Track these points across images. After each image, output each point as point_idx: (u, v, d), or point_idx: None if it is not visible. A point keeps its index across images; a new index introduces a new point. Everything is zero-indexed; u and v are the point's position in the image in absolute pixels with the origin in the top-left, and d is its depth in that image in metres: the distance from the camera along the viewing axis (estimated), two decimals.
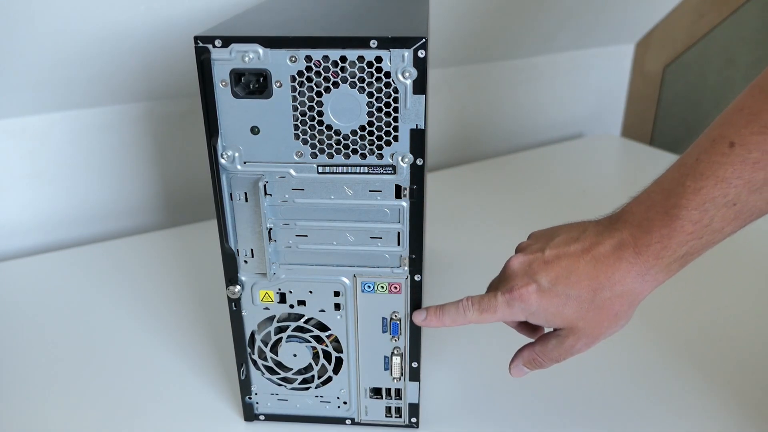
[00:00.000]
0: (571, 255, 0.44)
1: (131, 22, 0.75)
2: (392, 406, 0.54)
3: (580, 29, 1.17)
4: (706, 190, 0.39)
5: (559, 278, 0.44)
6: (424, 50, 0.41)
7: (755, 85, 0.39)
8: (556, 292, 0.44)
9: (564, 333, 0.45)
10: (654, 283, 0.43)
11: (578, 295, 0.43)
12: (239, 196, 0.46)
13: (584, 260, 0.43)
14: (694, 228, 0.40)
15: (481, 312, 0.46)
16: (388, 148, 0.44)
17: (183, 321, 0.71)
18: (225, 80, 0.42)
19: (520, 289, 0.45)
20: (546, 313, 0.45)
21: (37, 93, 0.81)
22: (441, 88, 1.13)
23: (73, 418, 0.57)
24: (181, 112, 0.93)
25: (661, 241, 0.41)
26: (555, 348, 0.47)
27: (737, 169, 0.38)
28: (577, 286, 0.43)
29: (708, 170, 0.39)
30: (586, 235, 0.45)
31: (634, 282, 0.42)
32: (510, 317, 0.46)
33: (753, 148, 0.37)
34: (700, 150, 0.40)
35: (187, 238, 0.90)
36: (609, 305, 0.43)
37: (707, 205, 0.39)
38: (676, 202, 0.40)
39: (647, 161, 1.16)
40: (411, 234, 0.47)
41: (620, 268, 0.42)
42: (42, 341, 0.68)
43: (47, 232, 0.91)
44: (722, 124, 0.39)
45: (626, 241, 0.42)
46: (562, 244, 0.45)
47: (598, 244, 0.44)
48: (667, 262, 0.41)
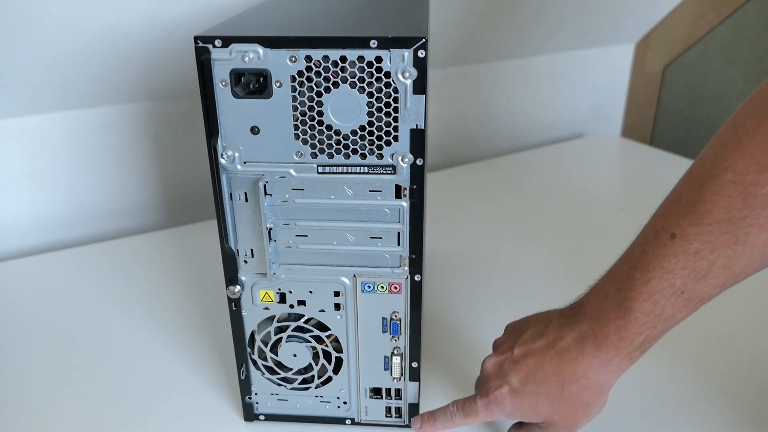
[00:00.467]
0: (537, 352, 0.46)
1: (131, 22, 0.75)
2: (392, 406, 0.54)
3: (580, 29, 1.17)
4: (654, 282, 0.40)
5: (528, 377, 0.46)
6: (424, 50, 0.41)
7: (691, 173, 0.40)
8: (527, 391, 0.46)
9: (544, 425, 0.48)
10: (618, 372, 0.44)
11: (548, 392, 0.45)
12: (239, 196, 0.46)
13: (549, 356, 0.45)
14: (647, 318, 0.41)
15: (466, 416, 0.49)
16: (388, 148, 0.44)
17: (183, 321, 0.71)
18: (225, 80, 0.42)
19: (495, 392, 0.47)
20: (522, 412, 0.47)
21: (37, 93, 0.81)
22: (441, 88, 1.13)
23: (72, 418, 0.57)
24: (181, 112, 0.93)
25: (618, 333, 0.42)
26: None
27: (680, 260, 0.39)
28: (545, 383, 0.45)
29: (654, 262, 0.40)
30: (549, 330, 0.46)
31: (598, 374, 0.44)
32: (491, 419, 0.49)
33: (693, 239, 0.39)
34: (645, 241, 0.42)
35: (187, 238, 0.90)
36: (578, 398, 0.45)
37: (657, 296, 0.40)
38: (627, 294, 0.41)
39: (647, 161, 1.16)
40: (411, 234, 0.47)
41: (583, 361, 0.44)
42: (42, 341, 0.68)
43: (47, 232, 0.91)
44: (664, 214, 0.41)
45: (586, 334, 0.44)
46: (528, 341, 0.47)
47: (560, 339, 0.45)
48: (627, 351, 0.43)
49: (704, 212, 0.38)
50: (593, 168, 1.15)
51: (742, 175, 0.37)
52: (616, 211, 0.93)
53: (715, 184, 0.38)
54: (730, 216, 0.37)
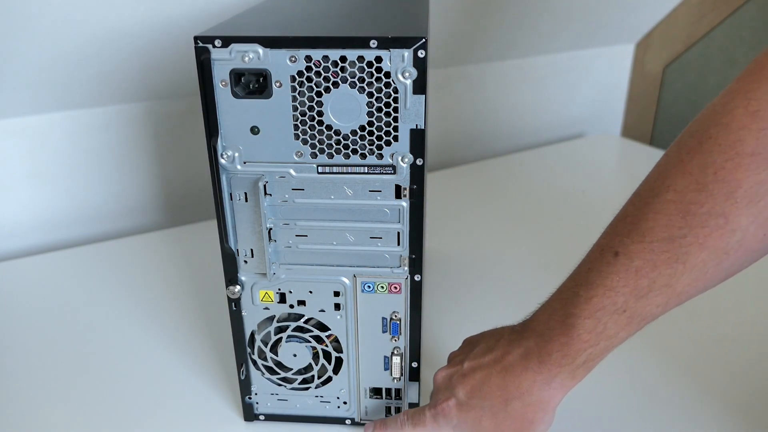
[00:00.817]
0: (484, 366, 0.46)
1: (131, 21, 0.75)
2: (392, 406, 0.54)
3: (580, 29, 1.17)
4: (596, 299, 0.40)
5: (474, 391, 0.46)
6: (424, 50, 0.41)
7: (637, 192, 0.41)
8: (472, 405, 0.46)
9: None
10: (562, 390, 0.44)
11: (491, 406, 0.45)
12: (239, 196, 0.46)
13: (495, 371, 0.45)
14: (590, 336, 0.41)
15: (414, 426, 0.49)
16: (388, 148, 0.44)
17: (183, 321, 0.71)
18: (225, 80, 0.42)
19: (442, 404, 0.47)
20: (467, 425, 0.47)
21: (37, 93, 0.81)
22: (441, 88, 1.13)
23: (72, 418, 0.57)
24: (181, 112, 0.93)
25: (561, 350, 0.42)
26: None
27: (623, 278, 0.39)
28: (489, 397, 0.45)
29: (597, 279, 0.40)
30: (499, 345, 0.46)
31: (541, 390, 0.44)
32: (439, 429, 0.48)
33: (635, 257, 0.39)
34: (591, 259, 0.42)
35: (187, 238, 0.90)
36: (521, 414, 0.44)
37: (599, 314, 0.40)
38: (571, 311, 0.42)
39: (647, 161, 1.15)
40: (411, 234, 0.47)
41: (527, 378, 0.44)
42: (42, 341, 0.68)
43: (47, 232, 0.91)
44: (610, 233, 0.41)
45: (531, 350, 0.44)
46: (479, 355, 0.47)
47: (508, 354, 0.45)
48: (570, 369, 0.43)
49: (646, 230, 0.39)
50: (593, 168, 1.15)
51: (682, 193, 0.37)
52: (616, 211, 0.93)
53: (656, 203, 0.38)
54: (670, 234, 0.38)
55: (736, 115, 0.36)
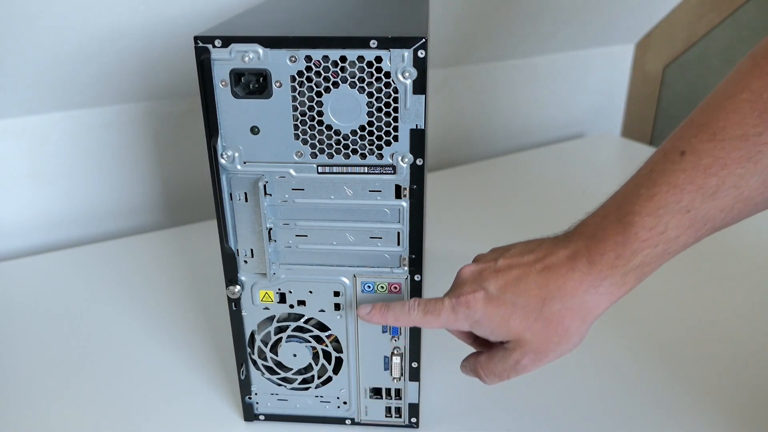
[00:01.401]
0: (523, 264, 0.43)
1: (131, 21, 0.75)
2: (392, 406, 0.54)
3: (580, 29, 1.17)
4: (659, 195, 0.39)
5: (507, 286, 0.42)
6: (424, 50, 0.41)
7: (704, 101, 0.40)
8: (503, 299, 0.42)
9: (510, 346, 0.43)
10: (608, 297, 0.41)
11: (526, 304, 0.42)
12: (239, 196, 0.46)
13: (535, 269, 0.42)
14: (649, 235, 0.39)
15: (425, 313, 0.45)
16: (388, 148, 0.44)
17: (183, 321, 0.71)
18: (225, 80, 0.42)
19: (467, 294, 0.43)
20: (491, 322, 0.43)
21: (37, 93, 0.81)
22: (441, 88, 1.13)
23: (72, 418, 0.57)
24: (181, 112, 0.93)
25: (615, 249, 0.40)
26: (500, 362, 0.44)
27: (689, 175, 0.38)
28: (525, 294, 0.42)
29: (660, 178, 0.39)
30: (541, 247, 0.44)
31: (587, 294, 0.41)
32: (454, 323, 0.44)
33: (703, 155, 0.38)
34: (652, 162, 0.41)
35: (187, 238, 0.90)
36: (559, 318, 0.41)
37: (661, 211, 0.39)
38: (630, 209, 0.40)
39: None
40: (411, 234, 0.47)
41: (572, 278, 0.41)
42: (42, 341, 0.68)
43: (47, 232, 0.91)
44: (673, 137, 0.40)
45: (580, 251, 0.41)
46: (516, 255, 0.44)
47: (551, 254, 0.42)
48: (622, 272, 0.40)
49: (717, 129, 0.37)
50: (593, 168, 1.15)
51: (758, 93, 0.36)
52: None
53: (729, 104, 0.37)
54: (744, 132, 0.36)
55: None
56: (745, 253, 0.82)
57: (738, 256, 0.82)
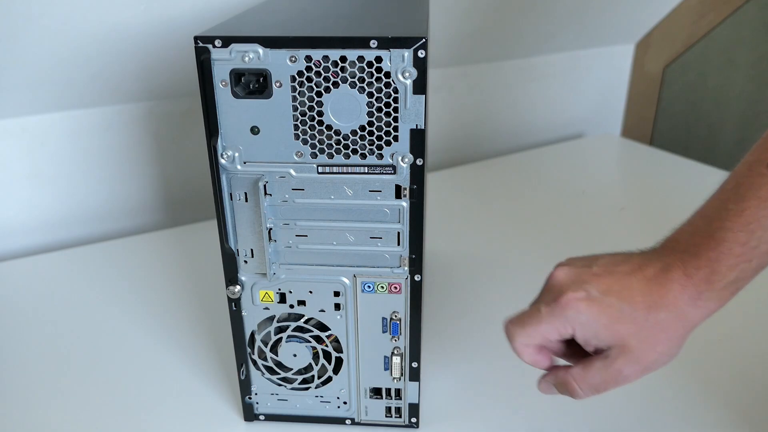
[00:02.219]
0: (620, 272, 0.42)
1: (131, 22, 0.75)
2: (392, 406, 0.54)
3: (580, 29, 1.17)
4: (749, 211, 0.38)
5: (611, 290, 0.41)
6: (424, 50, 0.41)
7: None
8: (609, 302, 0.41)
9: (613, 354, 0.41)
10: (705, 311, 0.40)
11: (632, 311, 0.40)
12: (239, 196, 0.46)
13: (635, 278, 0.41)
14: (743, 250, 0.39)
15: (524, 326, 0.43)
16: (388, 148, 0.44)
17: (183, 321, 0.71)
18: (225, 80, 0.42)
19: (569, 296, 0.41)
20: (597, 324, 0.41)
21: (37, 93, 0.81)
22: (441, 88, 1.13)
23: (72, 417, 0.57)
24: (181, 112, 0.93)
25: (710, 265, 0.39)
26: (599, 371, 0.42)
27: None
28: (630, 301, 0.41)
29: (748, 192, 0.38)
30: (632, 260, 0.43)
31: (687, 305, 0.40)
32: (555, 330, 0.42)
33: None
34: (738, 176, 0.40)
35: (187, 238, 0.90)
36: (664, 327, 0.40)
37: (753, 226, 0.38)
38: (721, 225, 0.39)
39: (647, 161, 1.16)
40: (411, 234, 0.47)
41: (672, 288, 0.40)
42: (42, 341, 0.68)
43: (47, 232, 0.91)
44: (757, 150, 0.39)
45: (674, 264, 0.41)
46: (609, 264, 0.43)
47: (646, 266, 0.42)
48: (719, 287, 0.39)
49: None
50: (593, 168, 1.15)
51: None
52: (616, 211, 0.93)
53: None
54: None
55: None
56: None
57: None
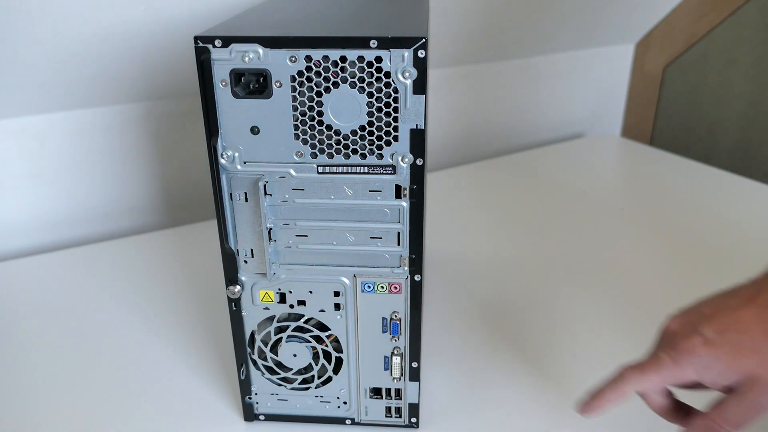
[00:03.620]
0: (731, 307, 0.42)
1: (131, 22, 0.75)
2: (392, 406, 0.54)
3: (580, 29, 1.17)
4: None
5: (725, 328, 0.41)
6: (424, 50, 0.41)
7: None
8: (727, 340, 0.41)
9: (744, 388, 0.41)
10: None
11: (753, 341, 0.40)
12: (239, 196, 0.46)
13: (749, 309, 0.41)
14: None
15: (644, 373, 0.43)
16: (388, 148, 0.44)
17: (183, 321, 0.71)
18: (225, 80, 0.42)
19: (686, 342, 0.41)
20: (720, 363, 0.41)
21: (38, 93, 0.81)
22: (441, 88, 1.13)
23: (72, 417, 0.57)
24: (182, 112, 0.93)
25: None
26: (735, 407, 0.41)
27: None
28: (748, 332, 0.40)
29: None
30: (742, 290, 0.43)
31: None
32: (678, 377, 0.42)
33: None
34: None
35: (187, 238, 0.90)
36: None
37: None
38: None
39: (647, 161, 1.16)
40: (411, 234, 0.47)
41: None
42: (42, 341, 0.68)
43: (47, 232, 0.91)
44: None
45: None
46: (719, 302, 0.43)
47: (756, 296, 0.41)
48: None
49: None
50: (593, 168, 1.15)
51: None
52: (616, 211, 0.93)
53: None
54: None
55: None
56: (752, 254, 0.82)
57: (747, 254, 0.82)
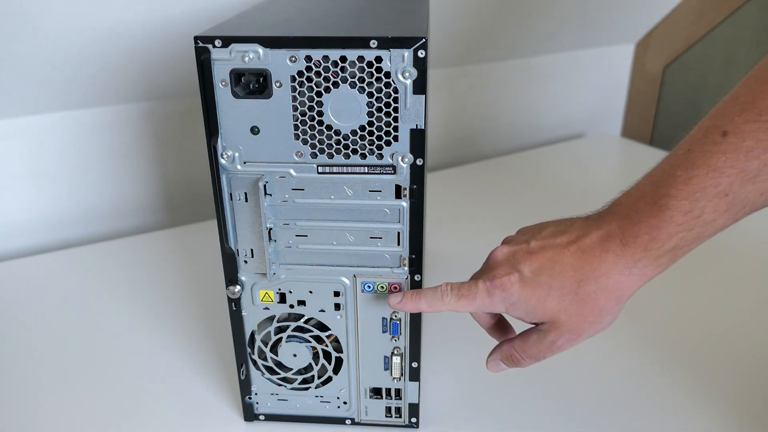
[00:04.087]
0: (556, 246, 0.43)
1: (131, 22, 0.75)
2: (392, 406, 0.54)
3: (580, 29, 1.17)
4: (697, 179, 0.38)
5: (542, 268, 0.42)
6: (424, 50, 0.41)
7: (751, 75, 0.38)
8: (539, 282, 0.42)
9: (545, 327, 0.44)
10: (641, 278, 0.41)
11: (561, 287, 0.42)
12: (239, 196, 0.46)
13: (569, 251, 0.42)
14: (684, 219, 0.38)
15: (459, 298, 0.44)
16: (388, 148, 0.44)
17: (183, 321, 0.71)
18: (225, 80, 0.42)
19: (502, 277, 0.43)
20: (527, 304, 0.43)
21: (37, 93, 0.81)
22: (441, 88, 1.13)
23: (72, 417, 0.57)
24: (181, 112, 0.93)
25: (650, 232, 0.39)
26: (535, 344, 0.45)
27: (730, 158, 0.37)
28: (560, 276, 0.42)
29: (699, 159, 0.38)
30: (573, 228, 0.44)
31: (620, 275, 0.41)
32: (489, 307, 0.44)
33: (746, 137, 0.36)
34: (692, 141, 0.39)
35: (187, 238, 0.90)
36: (594, 299, 0.42)
37: (698, 195, 0.38)
38: (666, 192, 0.39)
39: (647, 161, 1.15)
40: (411, 234, 0.47)
41: (606, 259, 0.41)
42: (42, 341, 0.68)
43: (47, 232, 0.91)
44: (715, 114, 0.39)
45: (613, 232, 0.41)
46: (548, 237, 0.44)
47: (584, 236, 0.42)
48: (656, 254, 0.40)
49: (763, 108, 0.36)
50: (593, 168, 1.15)
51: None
52: None
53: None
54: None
55: None
56: (749, 251, 0.82)
57: (742, 253, 0.82)
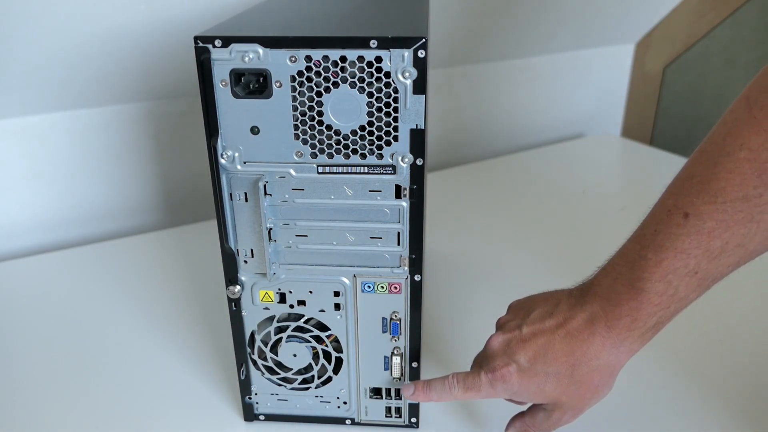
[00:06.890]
0: (546, 331, 0.45)
1: (131, 22, 0.75)
2: (392, 406, 0.54)
3: (580, 29, 1.17)
4: (667, 262, 0.40)
5: (537, 357, 0.45)
6: (424, 50, 0.41)
7: (702, 150, 0.40)
8: (536, 371, 0.45)
9: (549, 407, 0.47)
10: (629, 353, 0.44)
11: (557, 372, 0.44)
12: (239, 196, 0.46)
13: (559, 336, 0.44)
14: (660, 299, 0.41)
15: (466, 390, 0.47)
16: (388, 148, 0.44)
17: (183, 321, 0.71)
18: (225, 80, 0.42)
19: (501, 369, 0.46)
20: (528, 392, 0.46)
21: (38, 93, 0.81)
22: (441, 88, 1.13)
23: (72, 418, 0.57)
24: (181, 112, 0.93)
25: (631, 314, 0.42)
26: (543, 421, 0.48)
27: (694, 240, 0.39)
28: (554, 363, 0.44)
29: (667, 242, 0.40)
30: (559, 309, 0.46)
31: (610, 355, 0.43)
32: (493, 396, 0.47)
33: (706, 218, 0.38)
34: (657, 221, 0.41)
35: (187, 238, 0.90)
36: (588, 379, 0.44)
37: (670, 276, 0.40)
38: (640, 275, 0.41)
39: (647, 161, 1.16)
40: (411, 234, 0.47)
41: (594, 342, 0.43)
42: (42, 341, 0.68)
43: (47, 232, 0.91)
44: (676, 193, 0.40)
45: (597, 315, 0.43)
46: (537, 320, 0.46)
47: (570, 319, 0.45)
48: (639, 333, 0.42)
49: (718, 190, 0.37)
50: (593, 168, 1.15)
51: (757, 152, 0.36)
52: (616, 211, 0.93)
53: (728, 162, 0.37)
54: (745, 194, 0.37)
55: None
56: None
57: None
